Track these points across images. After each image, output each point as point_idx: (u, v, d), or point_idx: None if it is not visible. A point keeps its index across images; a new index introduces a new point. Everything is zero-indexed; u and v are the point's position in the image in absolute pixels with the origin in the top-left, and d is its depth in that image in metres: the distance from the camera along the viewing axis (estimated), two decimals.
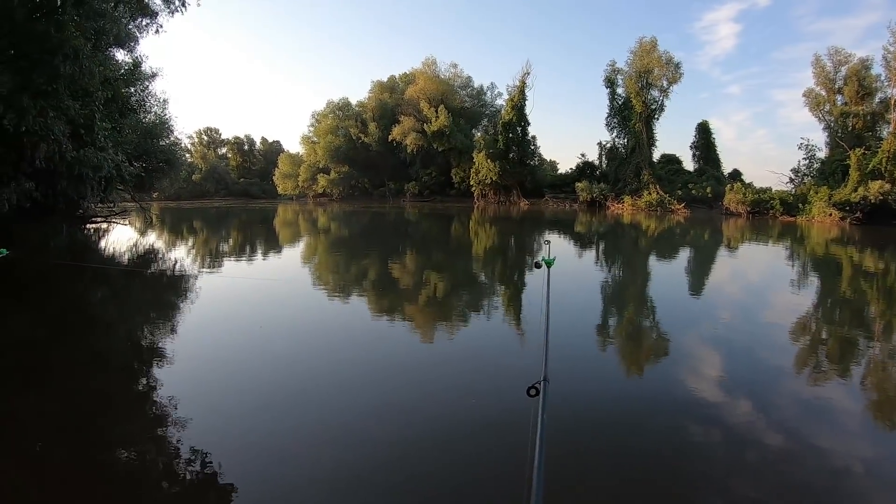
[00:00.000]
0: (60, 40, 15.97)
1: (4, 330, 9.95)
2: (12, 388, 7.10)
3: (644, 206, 58.15)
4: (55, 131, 15.96)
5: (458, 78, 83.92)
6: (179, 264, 19.49)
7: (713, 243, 29.59)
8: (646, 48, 62.19)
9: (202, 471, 5.02)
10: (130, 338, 10.19)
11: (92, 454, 5.42)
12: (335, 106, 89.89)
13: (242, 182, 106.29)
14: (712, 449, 5.55)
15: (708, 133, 67.65)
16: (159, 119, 29.94)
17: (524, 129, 70.32)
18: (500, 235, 33.23)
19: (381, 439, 5.70)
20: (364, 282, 16.10)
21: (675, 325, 11.08)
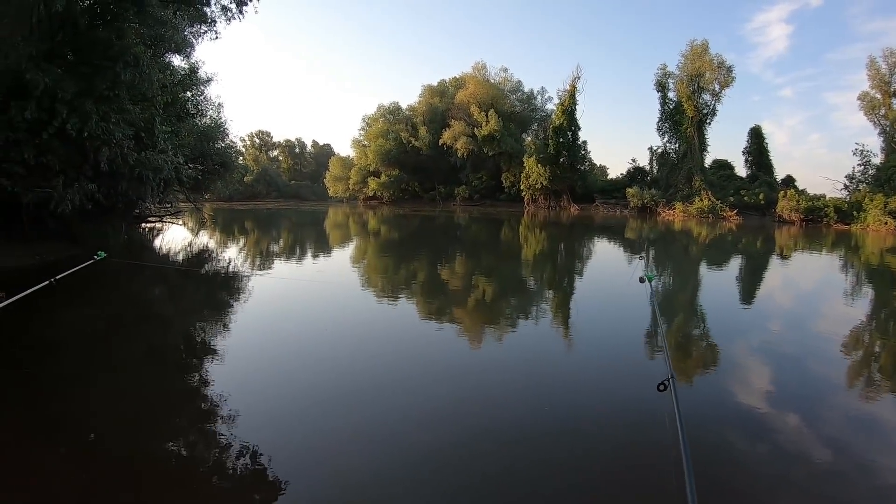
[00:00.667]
0: (122, 47, 16.54)
1: (68, 325, 10.36)
2: (70, 381, 7.32)
3: (695, 212, 57.35)
4: (117, 135, 16.53)
5: (507, 82, 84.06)
6: (232, 264, 20.26)
7: (765, 251, 29.15)
8: (697, 51, 61.71)
9: (252, 465, 5.17)
10: (185, 334, 10.59)
11: (144, 447, 5.57)
12: (386, 110, 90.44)
13: (293, 184, 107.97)
14: (757, 463, 5.40)
15: (761, 138, 66.20)
16: (214, 122, 30.60)
17: (575, 133, 69.91)
18: (550, 241, 33.27)
19: (428, 443, 5.74)
20: (417, 285, 16.41)
21: (724, 335, 10.92)
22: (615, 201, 67.87)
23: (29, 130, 15.35)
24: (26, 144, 15.32)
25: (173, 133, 21.61)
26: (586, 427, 6.20)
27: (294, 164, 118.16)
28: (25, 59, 15.34)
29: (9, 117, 15.07)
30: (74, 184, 16.52)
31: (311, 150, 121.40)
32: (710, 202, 57.83)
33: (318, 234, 38.25)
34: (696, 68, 61.31)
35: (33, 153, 15.49)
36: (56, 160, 16.00)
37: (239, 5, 19.13)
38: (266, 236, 34.67)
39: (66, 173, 16.52)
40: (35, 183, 16.11)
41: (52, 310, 10.72)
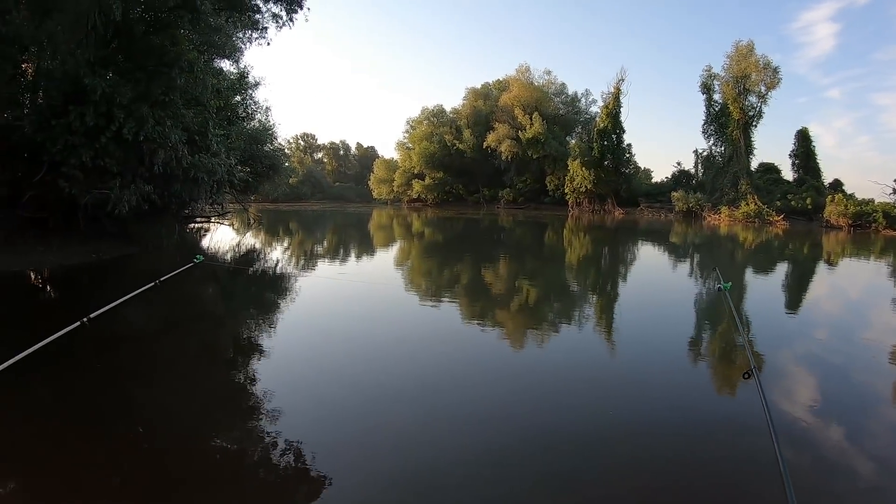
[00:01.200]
0: (177, 53, 17.13)
1: (126, 323, 10.79)
2: (123, 378, 7.54)
3: (741, 217, 56.37)
4: (172, 138, 17.09)
5: (551, 85, 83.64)
6: (279, 264, 20.68)
7: (812, 257, 28.57)
8: (742, 52, 60.61)
9: (296, 462, 5.26)
10: (234, 332, 10.81)
11: (193, 442, 5.71)
12: (430, 112, 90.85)
13: (337, 186, 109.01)
14: (799, 475, 5.06)
15: (808, 140, 64.90)
16: (262, 125, 31.24)
17: (619, 136, 69.38)
18: (595, 244, 33.20)
19: (478, 444, 5.74)
20: (466, 287, 16.53)
21: (768, 342, 10.51)
22: (660, 205, 67.12)
23: (86, 134, 16.00)
24: (84, 148, 15.97)
25: (225, 136, 22.18)
26: (651, 429, 6.22)
27: (338, 167, 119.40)
28: (83, 65, 16.01)
29: (68, 122, 15.75)
30: (131, 185, 17.14)
31: (356, 153, 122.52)
32: (757, 206, 56.84)
33: (365, 235, 38.59)
34: (742, 69, 60.14)
35: (91, 156, 16.14)
36: (113, 163, 16.64)
37: (289, 13, 19.68)
38: (313, 237, 35.25)
39: (122, 175, 17.15)
40: (93, 185, 16.76)
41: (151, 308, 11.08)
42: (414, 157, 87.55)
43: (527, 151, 76.73)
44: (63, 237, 17.98)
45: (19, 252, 16.31)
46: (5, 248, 16.07)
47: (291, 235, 35.80)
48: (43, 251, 16.76)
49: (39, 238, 17.44)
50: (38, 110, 16.54)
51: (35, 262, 16.07)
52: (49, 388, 6.78)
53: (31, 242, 17.05)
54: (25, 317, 11.04)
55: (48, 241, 17.34)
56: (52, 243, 17.27)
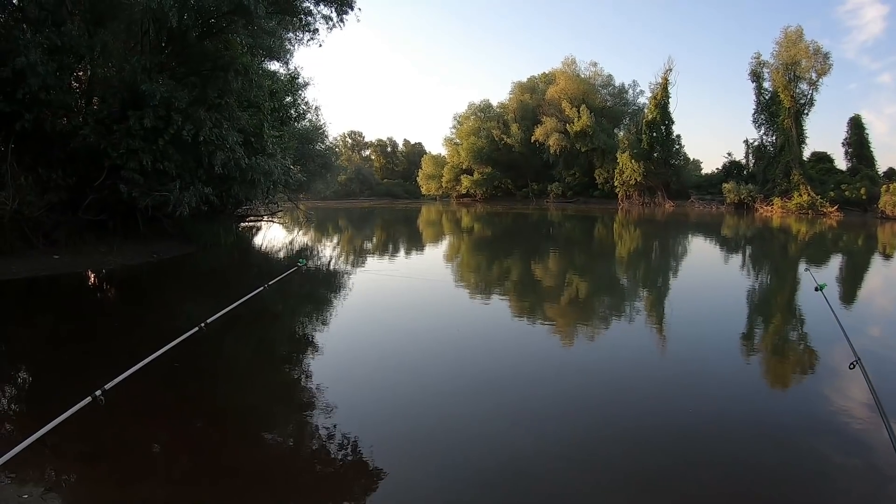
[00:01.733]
0: (231, 57, 17.41)
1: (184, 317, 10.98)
2: (179, 373, 7.52)
3: (794, 208, 55.10)
4: (229, 140, 17.38)
5: (598, 77, 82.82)
6: (332, 261, 20.99)
7: (866, 250, 27.76)
8: (791, 38, 58.81)
9: (352, 456, 5.34)
10: (290, 329, 11.05)
11: (250, 436, 5.85)
12: (476, 108, 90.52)
13: (386, 183, 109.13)
14: (849, 481, 5.11)
15: (861, 128, 62.46)
16: (313, 125, 31.58)
17: (668, 127, 68.39)
18: (655, 239, 32.96)
19: (528, 443, 5.68)
20: (535, 286, 16.29)
21: (821, 339, 10.13)
22: (711, 197, 65.83)
23: (145, 138, 16.39)
24: (144, 151, 16.36)
25: (280, 137, 22.47)
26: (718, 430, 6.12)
27: (386, 163, 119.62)
28: (139, 72, 16.38)
29: (127, 127, 16.12)
30: (190, 187, 17.49)
31: (403, 149, 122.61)
32: (810, 197, 55.23)
33: (422, 233, 38.63)
34: (792, 56, 58.33)
35: (150, 159, 16.53)
36: (172, 166, 17.04)
37: (340, 14, 19.80)
38: (363, 234, 35.48)
39: (181, 178, 17.52)
40: (152, 188, 17.15)
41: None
42: (462, 153, 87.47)
43: (575, 145, 76.08)
44: (123, 238, 18.43)
45: (82, 253, 16.76)
46: (69, 250, 16.52)
47: (346, 233, 36.17)
48: (105, 252, 17.18)
49: (100, 240, 17.90)
50: (97, 117, 16.95)
51: (97, 262, 16.51)
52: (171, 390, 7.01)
53: (93, 244, 17.51)
54: (122, 316, 11.41)
55: (109, 243, 17.78)
56: (112, 245, 17.69)
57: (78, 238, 17.22)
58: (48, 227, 16.41)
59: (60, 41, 15.53)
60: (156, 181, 17.18)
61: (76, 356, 8.34)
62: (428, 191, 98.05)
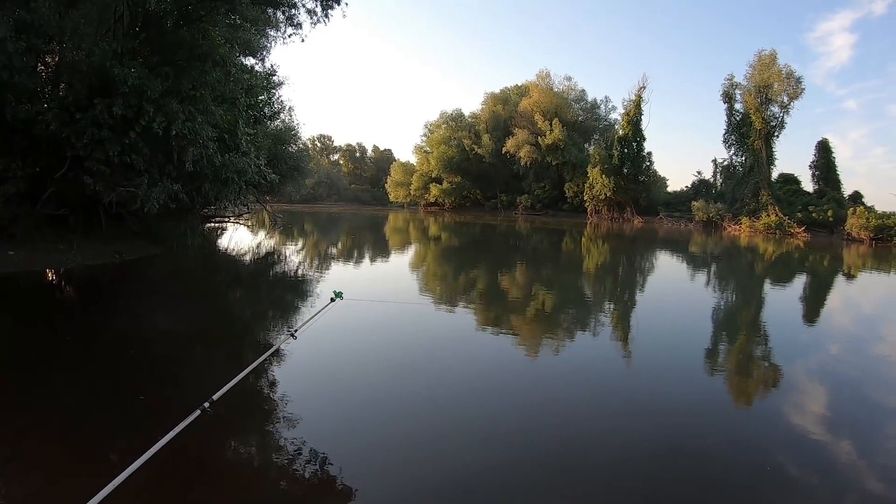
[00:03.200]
0: (209, 47, 16.44)
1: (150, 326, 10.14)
2: (141, 383, 7.30)
3: (762, 228, 55.88)
4: (202, 135, 16.38)
5: (571, 91, 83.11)
6: (298, 268, 20.15)
7: (831, 270, 28.57)
8: (765, 62, 60.15)
9: (321, 471, 5.19)
10: (255, 338, 10.52)
11: (213, 451, 5.55)
12: (448, 116, 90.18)
13: (354, 188, 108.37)
14: (809, 489, 5.35)
15: (828, 152, 63.91)
16: (285, 126, 30.61)
17: (640, 144, 68.87)
18: (613, 253, 33.10)
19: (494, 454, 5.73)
20: (495, 297, 15.77)
21: (782, 355, 10.76)
22: (679, 214, 66.50)
23: (113, 128, 15.29)
24: (111, 142, 15.25)
25: (254, 136, 21.48)
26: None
27: (354, 169, 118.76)
28: (109, 57, 15.31)
29: (94, 115, 15.03)
30: (159, 184, 16.43)
31: (372, 155, 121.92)
32: (778, 218, 56.20)
33: (393, 239, 38.49)
34: (765, 79, 59.52)
35: (118, 151, 15.41)
36: (141, 160, 15.92)
37: (325, 9, 18.88)
38: (330, 241, 34.79)
39: (150, 173, 16.45)
40: (118, 182, 16.07)
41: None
42: (432, 161, 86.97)
43: (546, 157, 76.33)
44: (84, 236, 17.30)
45: (39, 250, 15.68)
46: (25, 247, 15.42)
47: (307, 237, 35.29)
48: (64, 250, 16.11)
49: (60, 236, 16.76)
50: (61, 104, 15.85)
51: (56, 261, 15.45)
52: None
53: (52, 240, 16.38)
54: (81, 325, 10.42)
55: (69, 240, 16.66)
56: (72, 242, 16.58)
57: (36, 233, 16.06)
58: (4, 220, 15.33)
59: (30, 19, 14.48)
60: (122, 175, 16.09)
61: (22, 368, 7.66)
62: (396, 198, 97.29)
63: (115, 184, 15.97)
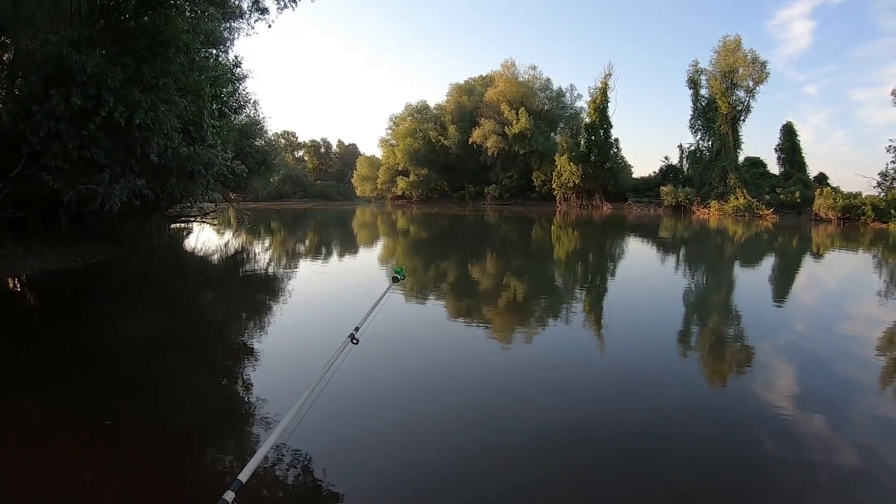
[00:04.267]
0: (172, 34, 15.45)
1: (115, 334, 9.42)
2: (113, 386, 7.08)
3: (731, 211, 56.69)
4: (167, 125, 15.40)
5: (536, 80, 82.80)
6: (270, 266, 19.54)
7: (800, 250, 29.13)
8: (730, 47, 61.08)
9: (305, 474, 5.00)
10: (228, 336, 10.29)
11: (190, 457, 5.38)
12: (413, 109, 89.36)
13: (319, 184, 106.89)
14: (782, 466, 5.36)
15: (793, 135, 65.09)
16: (251, 119, 29.60)
17: (607, 131, 68.91)
18: (582, 240, 33.21)
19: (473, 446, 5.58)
20: (466, 287, 15.50)
21: (754, 334, 10.83)
22: (648, 200, 66.94)
23: (72, 121, 14.23)
24: (69, 135, 14.19)
25: (220, 128, 20.46)
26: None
27: (319, 164, 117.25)
28: (66, 45, 14.25)
29: (50, 107, 13.97)
30: (121, 179, 15.41)
31: (337, 150, 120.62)
32: (746, 200, 56.98)
33: (361, 234, 38.24)
34: (730, 64, 60.44)
35: (76, 144, 14.35)
36: (101, 153, 14.82)
37: None
38: (301, 237, 34.06)
39: (111, 168, 15.41)
40: (78, 179, 15.03)
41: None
42: (398, 154, 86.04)
43: (513, 147, 76.04)
44: (43, 239, 16.27)
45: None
46: None
47: (281, 234, 34.61)
48: (22, 256, 15.10)
49: (17, 241, 15.71)
50: (14, 98, 14.79)
51: (14, 267, 14.43)
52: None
53: (9, 246, 15.34)
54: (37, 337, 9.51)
55: (27, 245, 15.64)
56: (31, 247, 15.56)
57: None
58: None
59: None
60: (81, 172, 15.04)
61: None
62: (363, 192, 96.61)
63: (75, 181, 14.93)
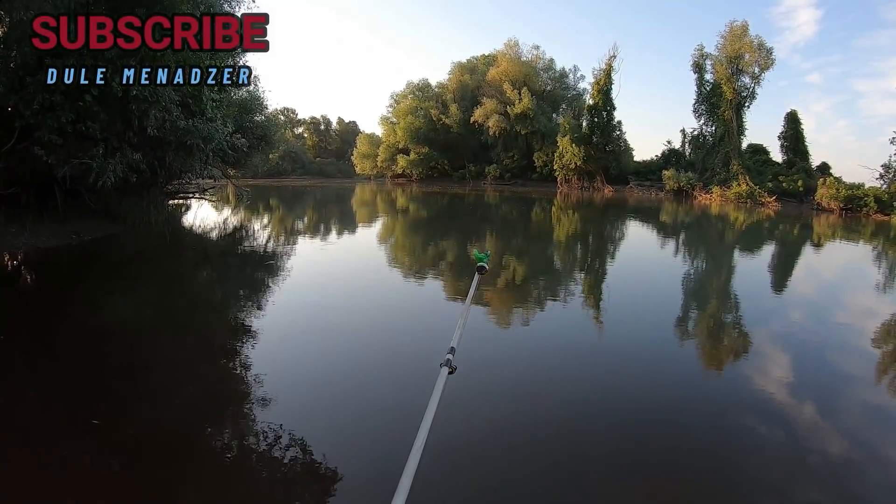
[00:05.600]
0: (171, 2, 14.84)
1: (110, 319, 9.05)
2: (110, 368, 7.06)
3: (733, 197, 56.17)
4: (164, 97, 14.82)
5: (540, 60, 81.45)
6: (267, 243, 19.75)
7: (801, 239, 29.12)
8: (737, 32, 60.11)
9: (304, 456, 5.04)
10: (229, 317, 10.29)
11: (190, 435, 5.43)
12: (414, 87, 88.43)
13: (318, 161, 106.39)
14: (773, 452, 5.53)
15: (797, 123, 63.91)
16: (251, 94, 28.98)
17: (610, 113, 68.03)
18: (583, 223, 33.33)
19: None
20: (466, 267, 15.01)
21: (750, 322, 11.14)
22: (650, 183, 66.30)
23: (66, 93, 13.64)
24: (63, 109, 13.63)
25: (220, 102, 19.83)
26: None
27: (319, 142, 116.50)
28: (62, 13, 13.60)
29: (45, 77, 13.35)
30: (117, 153, 14.84)
31: (337, 128, 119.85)
32: (749, 187, 56.51)
33: (361, 213, 38.32)
34: (736, 49, 59.64)
35: (71, 118, 13.79)
36: (96, 127, 14.29)
37: None
38: (301, 215, 33.84)
39: (107, 141, 14.85)
40: (72, 153, 14.47)
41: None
42: (398, 132, 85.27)
43: (514, 127, 75.20)
44: (38, 216, 15.79)
45: None
46: None
47: (280, 214, 34.33)
48: (15, 233, 14.66)
49: (11, 218, 15.22)
50: (6, 71, 14.17)
51: (7, 245, 14.00)
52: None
53: (2, 223, 14.87)
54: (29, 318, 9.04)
55: (21, 222, 15.18)
56: (24, 224, 15.07)
57: None
58: None
59: None
60: (76, 146, 14.49)
61: None
62: (363, 170, 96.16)
63: (69, 156, 14.38)
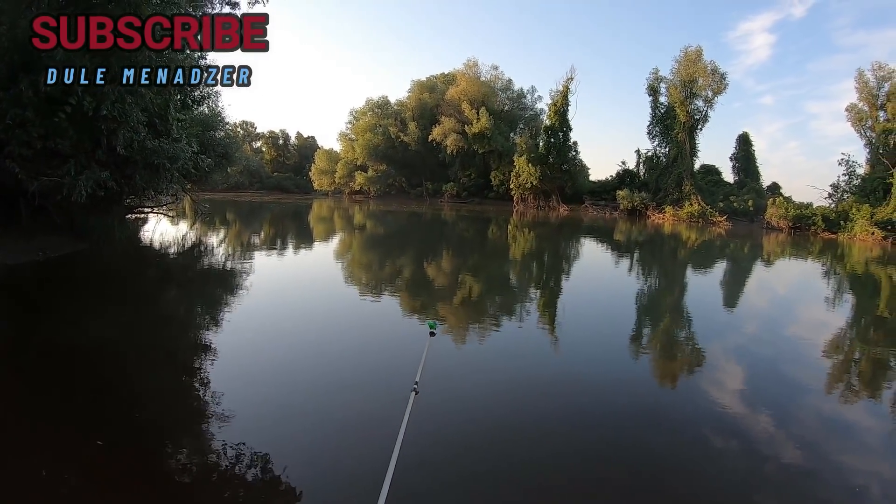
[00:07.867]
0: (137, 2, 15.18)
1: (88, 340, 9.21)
2: (75, 386, 7.06)
3: (685, 216, 57.80)
4: (133, 117, 15.20)
5: (498, 80, 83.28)
6: (227, 259, 20.14)
7: (751, 257, 30.25)
8: (691, 57, 61.93)
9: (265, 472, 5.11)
10: (190, 335, 10.43)
11: (151, 452, 5.47)
12: (374, 104, 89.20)
13: (276, 176, 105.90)
14: (732, 461, 5.73)
15: (748, 144, 67.64)
16: (212, 111, 29.21)
17: (566, 134, 69.65)
18: (538, 241, 33.80)
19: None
20: (421, 285, 15.62)
21: (704, 336, 11.55)
22: (605, 203, 67.79)
23: (38, 110, 13.95)
24: (34, 125, 13.93)
25: (185, 122, 20.20)
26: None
27: (277, 156, 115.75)
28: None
29: (17, 93, 13.67)
30: (85, 171, 15.17)
31: (295, 142, 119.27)
32: (700, 207, 58.24)
33: (318, 229, 38.32)
34: (690, 74, 61.27)
35: (41, 133, 14.10)
36: (66, 144, 14.60)
37: None
38: (257, 230, 34.13)
39: (76, 158, 15.18)
40: (40, 169, 14.78)
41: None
42: (357, 149, 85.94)
43: (472, 146, 76.51)
44: (3, 231, 15.94)
45: None
46: None
47: (237, 228, 34.40)
48: None
49: None
50: None
51: None
52: None
53: None
54: None
55: None
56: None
57: None
58: None
59: None
60: (44, 162, 14.79)
61: None
62: (320, 186, 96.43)
63: (38, 171, 14.68)
